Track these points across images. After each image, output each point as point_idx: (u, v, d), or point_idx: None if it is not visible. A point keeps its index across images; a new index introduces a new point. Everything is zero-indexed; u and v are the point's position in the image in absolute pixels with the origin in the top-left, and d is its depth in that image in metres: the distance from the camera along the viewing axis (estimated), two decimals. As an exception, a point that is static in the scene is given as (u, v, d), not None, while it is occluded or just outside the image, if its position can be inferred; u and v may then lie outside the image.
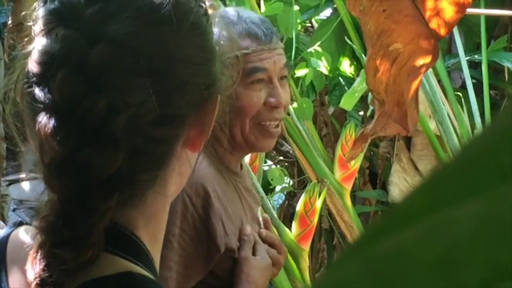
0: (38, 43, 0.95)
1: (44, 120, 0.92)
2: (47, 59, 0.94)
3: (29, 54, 0.96)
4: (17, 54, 0.99)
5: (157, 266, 1.03)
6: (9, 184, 5.09)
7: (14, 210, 5.12)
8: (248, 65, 1.78)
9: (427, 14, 1.48)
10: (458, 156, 0.33)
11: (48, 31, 0.95)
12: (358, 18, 1.56)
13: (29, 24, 0.98)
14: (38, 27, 0.97)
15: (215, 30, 1.08)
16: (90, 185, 0.91)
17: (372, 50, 1.51)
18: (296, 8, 2.94)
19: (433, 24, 1.49)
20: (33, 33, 0.97)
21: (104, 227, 0.92)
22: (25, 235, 1.03)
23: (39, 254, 0.92)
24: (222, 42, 1.07)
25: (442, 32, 1.48)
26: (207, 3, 1.05)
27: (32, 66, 0.95)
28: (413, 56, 1.50)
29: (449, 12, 1.47)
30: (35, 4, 1.00)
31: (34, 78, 0.94)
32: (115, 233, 0.96)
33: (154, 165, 0.98)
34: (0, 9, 3.87)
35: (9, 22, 2.47)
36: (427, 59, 1.51)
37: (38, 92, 0.93)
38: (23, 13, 1.04)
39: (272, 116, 1.81)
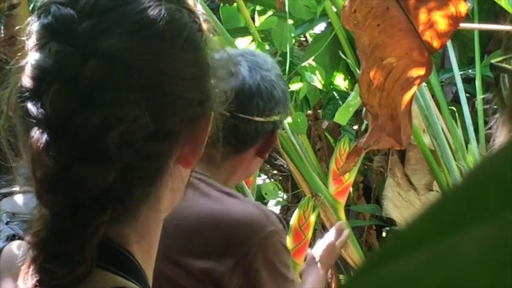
0: (31, 57, 0.95)
1: (37, 135, 0.91)
2: (40, 73, 0.93)
3: (22, 68, 0.96)
4: (10, 69, 0.98)
5: (150, 282, 1.02)
6: (2, 197, 5.09)
7: (7, 223, 5.12)
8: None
9: (421, 27, 1.49)
10: (465, 181, 0.33)
11: (41, 46, 0.95)
12: (352, 32, 1.56)
13: (22, 38, 0.98)
14: (31, 41, 0.97)
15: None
16: (82, 200, 0.90)
17: (366, 64, 1.51)
18: (290, 22, 2.95)
19: (427, 37, 1.49)
20: (26, 48, 0.97)
21: (97, 242, 0.91)
22: (17, 250, 1.02)
23: (31, 269, 0.92)
24: (217, 57, 1.07)
25: (436, 45, 1.48)
26: (202, 19, 1.05)
27: (25, 80, 0.94)
28: (407, 70, 1.50)
29: (442, 25, 1.48)
30: (29, 19, 1.00)
31: (27, 93, 0.94)
32: (107, 249, 0.96)
33: (147, 181, 0.97)
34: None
35: (1, 35, 2.48)
36: (421, 73, 1.51)
37: (31, 107, 0.93)
38: (16, 27, 1.04)
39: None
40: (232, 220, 1.76)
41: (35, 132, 0.92)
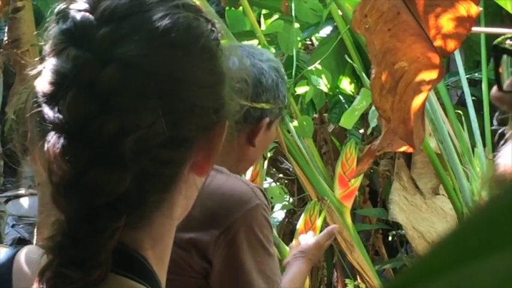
0: (49, 63, 0.95)
1: (53, 140, 0.91)
2: (58, 78, 0.93)
3: (39, 73, 0.96)
4: (27, 73, 0.99)
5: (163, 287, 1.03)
6: (7, 200, 5.11)
7: (13, 226, 5.14)
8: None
9: (432, 31, 1.49)
10: (482, 211, 0.33)
11: (59, 51, 0.95)
12: (360, 36, 1.56)
13: (31, 44, 0.98)
14: (49, 47, 0.97)
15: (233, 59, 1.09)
16: (98, 205, 0.90)
17: (378, 68, 1.51)
18: (296, 25, 2.95)
19: (438, 41, 1.49)
20: (44, 53, 0.97)
21: (112, 247, 0.91)
22: (30, 256, 1.02)
23: (46, 274, 0.92)
24: (232, 67, 1.07)
25: (448, 48, 1.48)
26: (218, 27, 1.06)
27: (42, 85, 0.94)
28: (418, 74, 1.50)
29: (454, 28, 1.48)
30: (47, 24, 1.00)
31: (44, 98, 0.94)
32: (122, 254, 0.96)
33: (162, 188, 0.98)
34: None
35: (5, 38, 2.48)
36: (433, 77, 1.51)
37: (48, 112, 0.93)
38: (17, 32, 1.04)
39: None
40: (220, 193, 1.81)
41: (52, 137, 0.92)
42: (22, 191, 5.11)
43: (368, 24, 1.49)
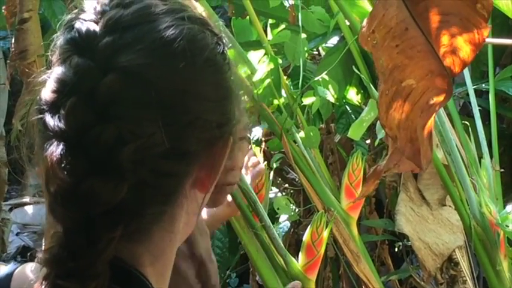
0: (54, 71, 0.95)
1: (52, 148, 0.91)
2: (59, 86, 0.94)
3: (44, 82, 0.96)
4: (34, 82, 0.99)
5: None
6: (12, 208, 5.12)
7: (17, 234, 5.14)
8: None
9: (442, 50, 1.47)
10: None
11: (63, 60, 0.95)
12: (370, 52, 1.55)
13: (38, 54, 0.98)
14: (55, 56, 0.97)
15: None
16: (94, 214, 0.90)
17: (385, 86, 1.50)
18: (303, 36, 2.94)
19: (448, 61, 1.48)
20: (51, 63, 0.98)
21: (108, 258, 0.91)
22: (30, 271, 1.02)
23: (43, 286, 0.91)
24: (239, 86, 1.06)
25: (457, 69, 1.47)
26: (225, 42, 1.05)
27: (45, 93, 0.95)
28: (426, 93, 1.49)
29: (465, 50, 1.46)
30: (54, 35, 1.00)
31: (45, 106, 0.94)
32: (121, 271, 0.95)
33: (160, 200, 0.97)
34: (6, 34, 3.87)
35: (12, 49, 2.47)
36: (441, 96, 1.50)
37: (48, 119, 0.93)
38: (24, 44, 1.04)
39: (226, 179, 1.85)
40: None
41: (51, 145, 0.91)
42: (27, 199, 5.12)
43: (375, 40, 1.47)
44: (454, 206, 2.97)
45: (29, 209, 4.94)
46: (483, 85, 3.39)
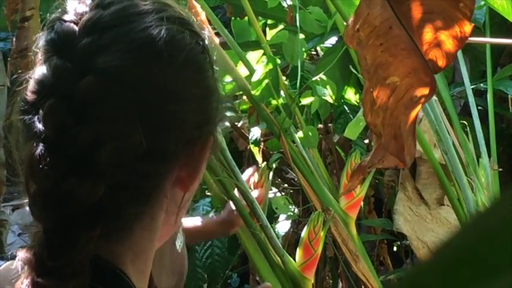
0: (35, 72, 0.96)
1: (31, 149, 0.93)
2: (38, 87, 0.95)
3: (27, 82, 0.97)
4: (21, 82, 1.00)
5: None
6: (14, 209, 5.13)
7: (19, 235, 5.15)
8: None
9: (425, 47, 1.48)
10: (436, 256, 0.33)
11: (44, 60, 0.96)
12: (354, 50, 1.56)
13: (32, 52, 1.00)
14: (38, 56, 0.98)
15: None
16: (72, 214, 0.91)
17: (369, 83, 1.51)
18: (301, 36, 2.95)
19: (431, 56, 1.49)
20: (33, 63, 0.99)
21: (87, 257, 0.92)
22: (13, 268, 1.03)
23: (24, 285, 0.93)
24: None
25: (441, 64, 1.48)
26: (207, 42, 1.05)
27: (26, 94, 0.96)
28: (410, 89, 1.50)
29: (447, 45, 1.47)
30: (38, 35, 1.01)
31: (26, 106, 0.95)
32: (102, 269, 0.96)
33: (139, 200, 0.98)
34: (6, 35, 3.89)
35: (13, 47, 2.49)
36: (425, 92, 1.51)
37: (28, 120, 0.94)
38: (25, 42, 1.06)
39: None
40: None
41: (30, 146, 0.93)
42: (27, 200, 5.11)
43: (360, 38, 1.49)
44: (452, 206, 2.97)
45: (31, 209, 4.94)
46: (481, 84, 3.40)
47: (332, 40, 3.26)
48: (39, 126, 0.93)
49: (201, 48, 1.03)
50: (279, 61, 2.97)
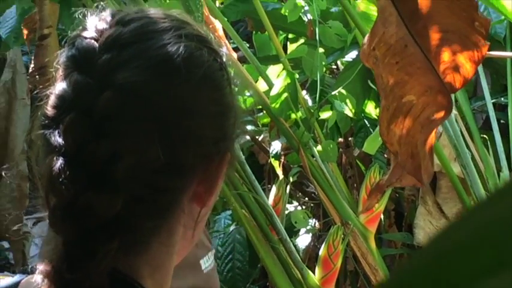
0: (56, 87, 0.98)
1: (51, 163, 0.94)
2: (59, 102, 0.96)
3: (48, 97, 0.99)
4: (41, 98, 1.01)
5: None
6: (36, 222, 5.16)
7: (42, 248, 5.17)
8: None
9: (442, 67, 1.48)
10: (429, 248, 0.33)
11: (65, 76, 0.98)
12: (371, 68, 1.57)
13: (53, 68, 1.01)
14: (58, 72, 1.00)
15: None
16: (90, 227, 0.92)
17: (385, 101, 1.52)
18: (321, 50, 2.95)
19: (449, 78, 1.49)
20: (53, 79, 1.00)
21: (105, 270, 0.93)
22: (33, 282, 1.04)
23: None
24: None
25: (458, 85, 1.48)
26: (224, 59, 1.07)
27: (47, 109, 0.97)
28: (426, 108, 1.50)
29: (465, 67, 1.47)
30: (58, 52, 1.03)
31: (46, 121, 0.97)
32: (120, 282, 0.97)
33: (156, 214, 0.99)
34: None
35: (32, 65, 2.53)
36: (441, 111, 1.51)
37: (48, 135, 0.96)
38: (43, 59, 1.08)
39: None
40: None
41: (50, 160, 0.94)
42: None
43: (376, 57, 1.49)
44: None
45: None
46: (502, 99, 3.38)
47: (353, 54, 3.26)
48: (59, 140, 0.94)
49: (219, 66, 1.05)
50: (297, 75, 2.98)
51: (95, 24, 1.02)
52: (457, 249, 0.31)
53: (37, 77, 2.49)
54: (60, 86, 0.98)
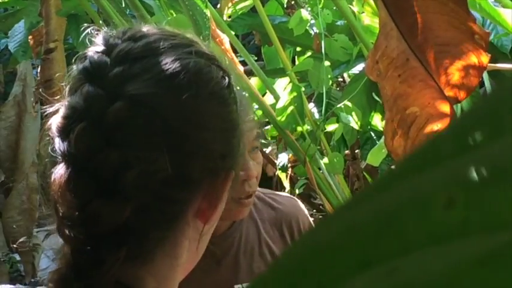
0: (67, 99, 1.00)
1: (61, 172, 0.96)
2: (70, 112, 0.98)
3: (57, 110, 1.01)
4: (50, 111, 1.03)
5: None
6: (48, 234, 5.17)
7: (53, 260, 5.19)
8: None
9: (443, 79, 1.50)
10: (482, 105, 0.32)
11: (76, 88, 1.00)
12: (375, 81, 1.59)
13: (65, 81, 1.03)
14: (69, 86, 1.02)
15: None
16: (98, 235, 0.94)
17: (389, 114, 1.54)
18: (327, 63, 2.98)
19: (449, 90, 1.51)
20: (64, 93, 1.02)
21: (113, 279, 0.94)
22: None
23: None
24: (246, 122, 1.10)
25: (460, 97, 1.50)
26: (232, 79, 1.09)
27: (56, 119, 0.99)
28: (430, 119, 1.52)
29: (465, 78, 1.49)
30: (70, 67, 1.05)
31: (56, 131, 0.99)
32: None
33: (163, 224, 1.00)
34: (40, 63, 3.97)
35: (38, 78, 2.55)
36: (445, 123, 1.53)
37: (58, 144, 0.98)
38: (49, 72, 1.10)
39: (243, 190, 1.82)
40: None
41: (60, 169, 0.96)
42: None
43: (379, 70, 1.51)
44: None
45: (64, 234, 4.98)
46: None
47: (359, 67, 3.29)
48: (69, 149, 0.97)
49: (227, 84, 1.07)
50: (304, 88, 3.00)
51: (106, 39, 1.04)
52: (322, 249, 0.31)
53: (40, 90, 2.52)
54: (71, 97, 1.00)
